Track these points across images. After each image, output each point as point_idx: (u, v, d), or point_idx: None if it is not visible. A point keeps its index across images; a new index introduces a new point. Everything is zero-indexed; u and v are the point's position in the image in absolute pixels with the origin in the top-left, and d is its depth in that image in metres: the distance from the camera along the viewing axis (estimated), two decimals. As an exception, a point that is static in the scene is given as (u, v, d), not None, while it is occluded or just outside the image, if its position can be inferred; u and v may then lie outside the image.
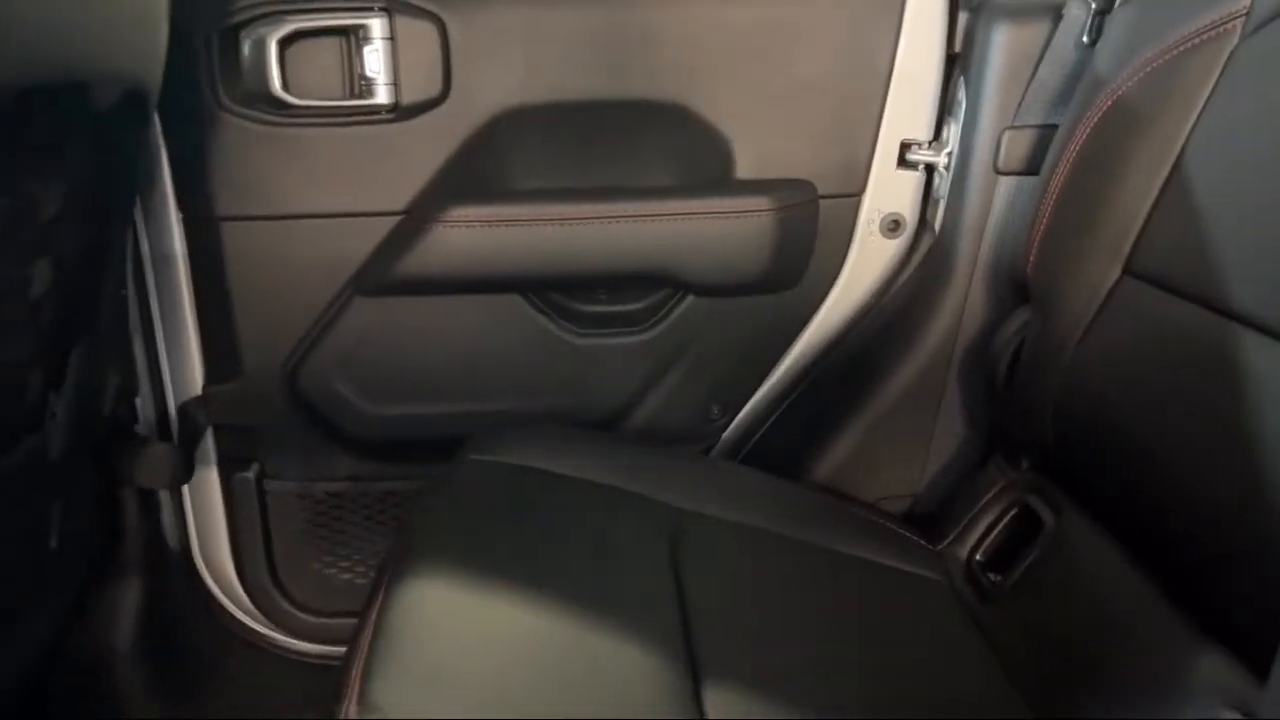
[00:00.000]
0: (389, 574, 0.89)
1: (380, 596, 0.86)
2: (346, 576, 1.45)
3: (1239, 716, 0.74)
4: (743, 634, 0.91)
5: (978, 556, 1.18)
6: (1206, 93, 1.01)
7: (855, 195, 1.34)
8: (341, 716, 0.71)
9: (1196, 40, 1.04)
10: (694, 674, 0.82)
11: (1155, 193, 1.04)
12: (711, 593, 0.96)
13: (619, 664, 0.81)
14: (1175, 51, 1.05)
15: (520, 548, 0.96)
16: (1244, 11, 0.99)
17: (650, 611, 0.90)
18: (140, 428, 1.33)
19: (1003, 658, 1.03)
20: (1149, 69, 1.08)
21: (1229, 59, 1.00)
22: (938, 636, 1.05)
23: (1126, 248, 1.06)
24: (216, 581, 1.46)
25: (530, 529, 1.00)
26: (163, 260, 1.30)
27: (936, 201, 1.36)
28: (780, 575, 1.06)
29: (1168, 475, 0.94)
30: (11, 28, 0.75)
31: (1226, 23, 1.01)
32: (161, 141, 1.24)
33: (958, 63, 1.32)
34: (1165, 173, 1.03)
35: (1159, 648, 0.90)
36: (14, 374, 0.99)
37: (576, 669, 0.78)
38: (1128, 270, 1.06)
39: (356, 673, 0.75)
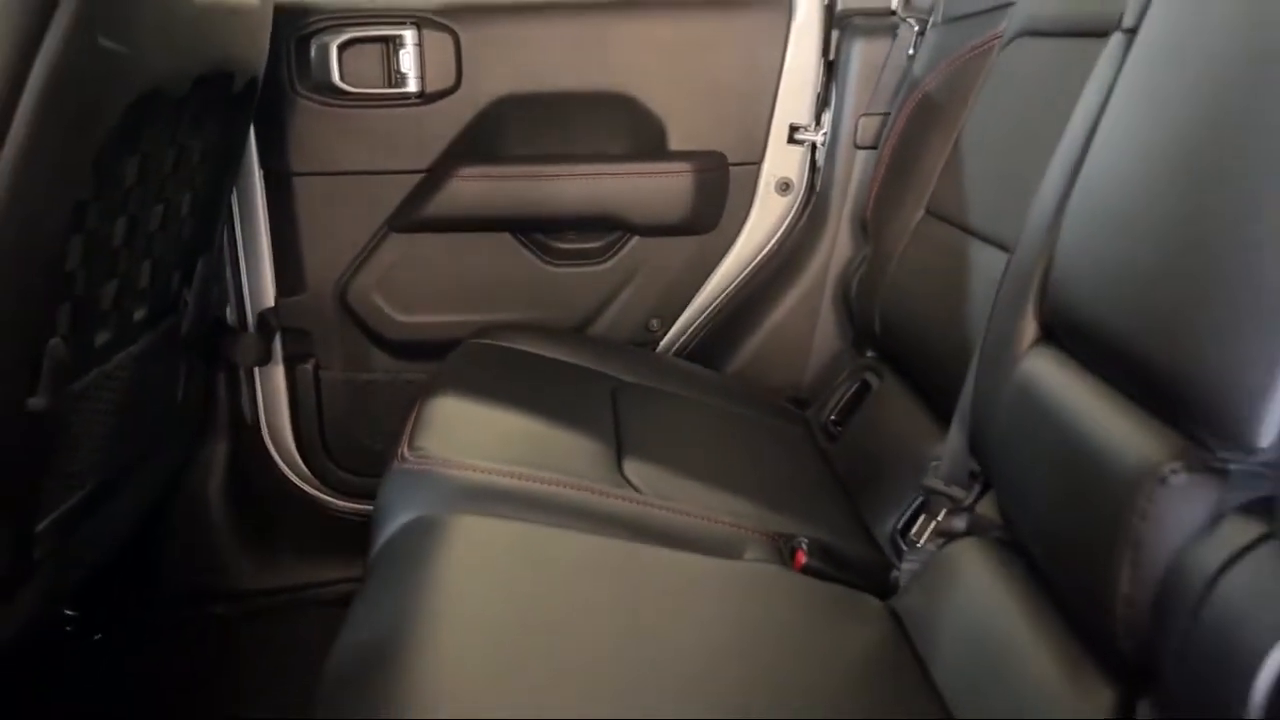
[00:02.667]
0: (424, 396, 1.32)
1: (417, 406, 1.29)
2: (380, 447, 1.87)
3: (953, 489, 1.15)
4: (656, 438, 1.34)
5: (832, 417, 1.61)
6: (977, 89, 1.45)
7: (755, 163, 1.78)
8: (397, 457, 1.14)
9: (972, 54, 1.48)
10: (619, 453, 1.26)
11: (944, 158, 1.48)
12: (636, 418, 1.39)
13: (572, 444, 1.24)
14: (960, 61, 1.49)
15: (507, 387, 1.38)
16: (1000, 35, 1.43)
17: (593, 423, 1.32)
18: (232, 325, 1.75)
19: (839, 472, 1.46)
20: (944, 73, 1.52)
21: (990, 67, 1.43)
22: (797, 459, 1.49)
23: (927, 196, 1.50)
24: (278, 450, 1.87)
25: (514, 379, 1.44)
26: (249, 204, 1.72)
27: (816, 169, 1.79)
28: (688, 419, 1.50)
29: (942, 345, 1.37)
30: (196, 39, 1.18)
31: (989, 42, 1.45)
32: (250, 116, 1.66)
33: (832, 67, 1.76)
34: (950, 146, 1.47)
35: (931, 454, 1.33)
36: (165, 272, 1.41)
37: (545, 442, 1.22)
38: (928, 211, 1.49)
39: (405, 438, 1.18)
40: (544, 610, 0.87)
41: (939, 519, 1.08)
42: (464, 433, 1.20)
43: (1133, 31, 0.92)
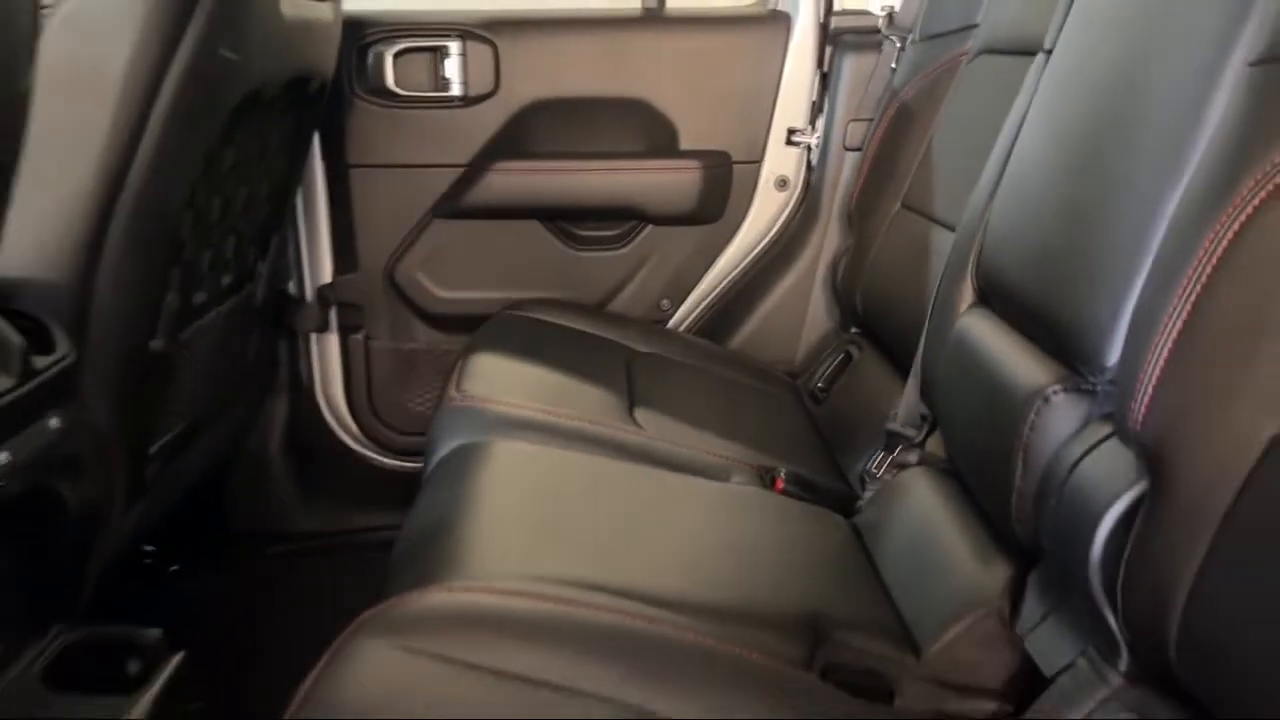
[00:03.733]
0: (465, 353, 1.53)
1: (460, 360, 1.50)
2: (422, 409, 2.09)
3: (907, 430, 1.35)
4: (662, 394, 1.54)
5: (819, 384, 1.81)
6: (946, 98, 1.65)
7: (756, 162, 1.98)
8: (447, 396, 1.35)
9: (943, 68, 1.68)
10: (630, 403, 1.46)
11: (918, 159, 1.68)
12: (646, 379, 1.60)
13: (591, 393, 1.45)
14: (933, 74, 1.70)
15: (535, 349, 1.59)
16: (966, 52, 1.63)
17: (609, 381, 1.53)
18: (295, 297, 1.97)
19: (821, 429, 1.66)
20: (919, 84, 1.72)
21: (957, 79, 1.63)
22: (784, 415, 1.69)
23: (903, 191, 1.70)
24: (331, 410, 2.09)
25: (542, 344, 1.64)
26: (311, 191, 1.94)
27: (810, 168, 2.00)
28: (692, 381, 1.70)
29: (908, 317, 1.56)
30: (288, 50, 1.40)
31: (958, 58, 1.65)
32: (314, 115, 1.88)
33: (825, 78, 1.96)
34: (923, 147, 1.67)
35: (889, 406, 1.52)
36: (245, 246, 1.63)
37: (568, 390, 1.43)
38: (903, 204, 1.70)
39: (453, 382, 1.39)
40: (564, 507, 1.08)
41: (895, 455, 1.29)
42: (500, 379, 1.42)
43: (1050, 52, 1.12)
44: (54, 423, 1.07)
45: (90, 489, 1.22)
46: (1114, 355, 0.84)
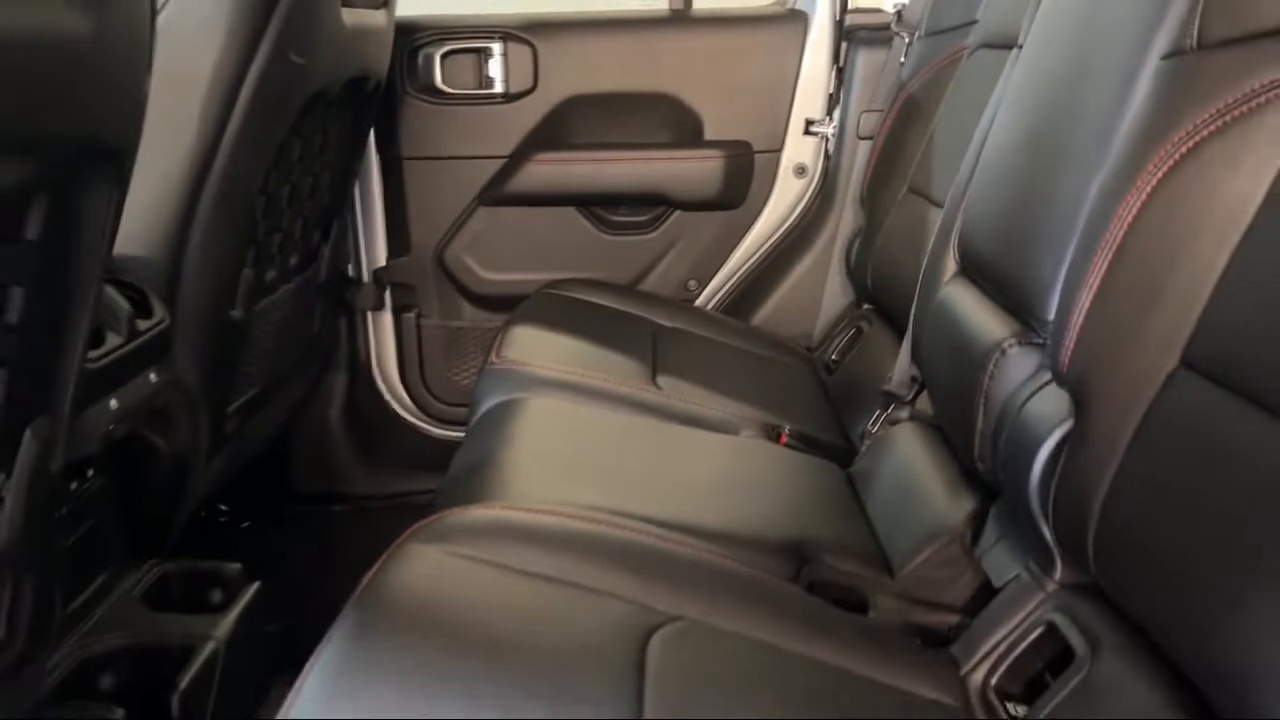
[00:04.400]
0: (506, 325, 1.68)
1: (501, 331, 1.65)
2: (467, 382, 2.25)
3: (899, 390, 1.49)
4: (683, 364, 1.68)
5: (832, 357, 1.94)
6: (948, 90, 1.77)
7: (776, 151, 2.11)
8: (489, 362, 1.51)
9: (946, 61, 1.79)
10: (654, 370, 1.61)
11: (922, 146, 1.80)
12: (670, 350, 1.74)
13: (618, 360, 1.59)
14: (937, 67, 1.81)
15: (570, 322, 1.74)
16: (966, 46, 1.75)
17: (635, 351, 1.67)
18: (353, 278, 2.14)
19: (832, 398, 1.79)
20: (925, 77, 1.84)
21: (958, 72, 1.75)
22: (796, 384, 1.81)
23: (909, 176, 1.82)
24: (384, 382, 2.26)
25: (576, 319, 1.79)
26: (367, 181, 2.10)
27: (827, 156, 2.12)
28: (712, 353, 1.83)
29: (909, 292, 1.69)
30: (349, 53, 1.56)
31: (959, 52, 1.76)
32: (369, 112, 2.05)
33: (841, 72, 2.09)
34: (927, 135, 1.79)
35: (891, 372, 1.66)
36: (310, 230, 1.79)
37: (598, 357, 1.58)
38: (910, 189, 1.81)
39: (495, 349, 1.55)
40: (590, 451, 1.23)
41: (888, 413, 1.42)
42: (537, 347, 1.57)
43: (1021, 47, 1.25)
44: (152, 377, 1.24)
45: (179, 439, 1.39)
46: (1050, 309, 0.97)
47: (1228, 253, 0.79)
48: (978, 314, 1.14)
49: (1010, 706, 0.89)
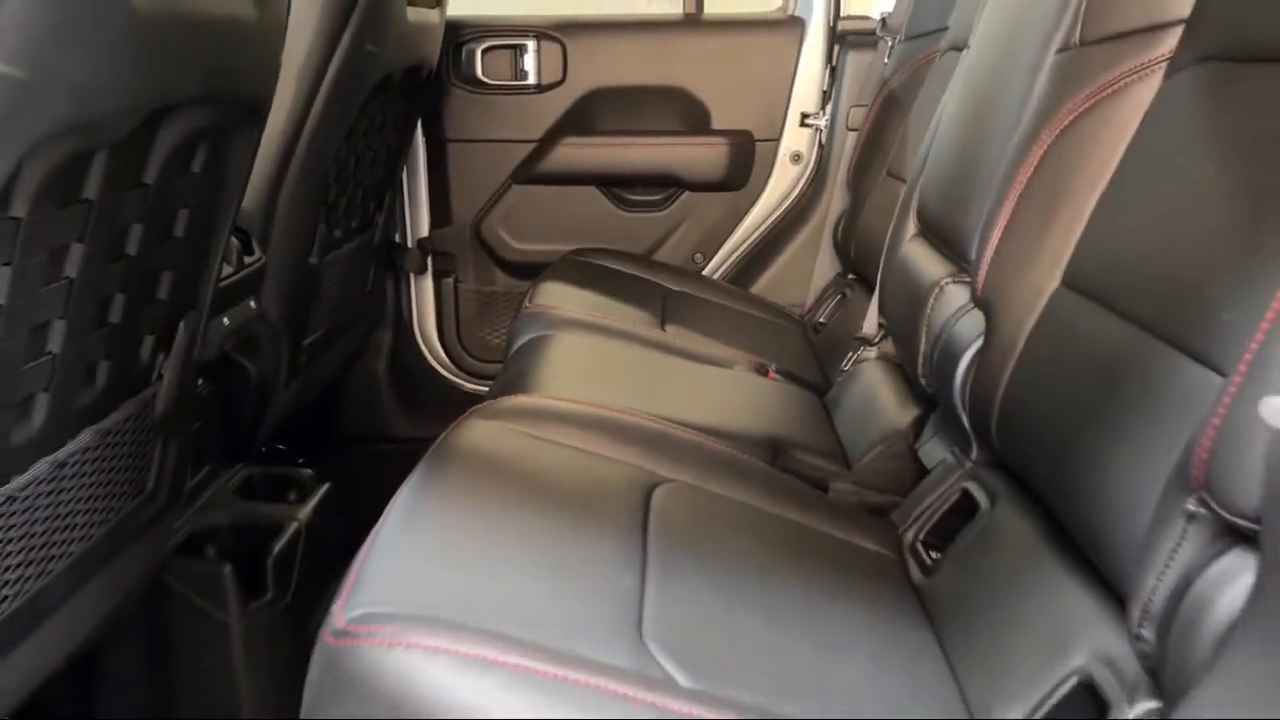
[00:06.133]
0: (536, 282, 1.93)
1: (533, 287, 1.90)
2: (498, 341, 2.49)
3: (868, 334, 1.72)
4: (688, 320, 1.92)
5: (820, 319, 2.17)
6: (923, 86, 2.00)
7: (775, 140, 2.35)
8: (523, 307, 1.75)
9: (923, 61, 2.03)
10: (662, 321, 1.85)
11: (900, 136, 2.03)
12: (676, 310, 1.98)
13: (633, 312, 1.84)
14: (915, 66, 2.05)
15: (591, 282, 1.98)
16: (939, 48, 1.98)
17: (648, 307, 1.92)
18: (400, 244, 2.40)
19: (817, 352, 2.03)
20: (904, 75, 2.08)
21: (932, 70, 1.99)
22: (784, 339, 2.06)
23: (888, 163, 2.06)
24: (424, 340, 2.50)
25: (596, 281, 2.04)
26: (414, 160, 2.35)
27: (820, 145, 2.36)
28: (712, 313, 2.08)
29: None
30: (411, 45, 1.81)
31: (933, 53, 2.00)
32: (417, 99, 2.30)
33: (834, 71, 2.33)
34: (904, 126, 2.03)
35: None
36: (366, 198, 2.04)
37: (615, 308, 1.82)
38: (888, 173, 2.05)
39: (528, 297, 1.79)
40: (607, 370, 1.48)
41: (859, 354, 1.66)
42: (564, 296, 1.82)
43: (967, 47, 1.49)
44: (252, 304, 1.49)
45: (264, 364, 1.64)
46: (974, 248, 1.21)
47: (1096, 197, 1.03)
48: (926, 263, 1.38)
49: (931, 554, 1.13)
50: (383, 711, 0.68)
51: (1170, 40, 1.00)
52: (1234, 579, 0.62)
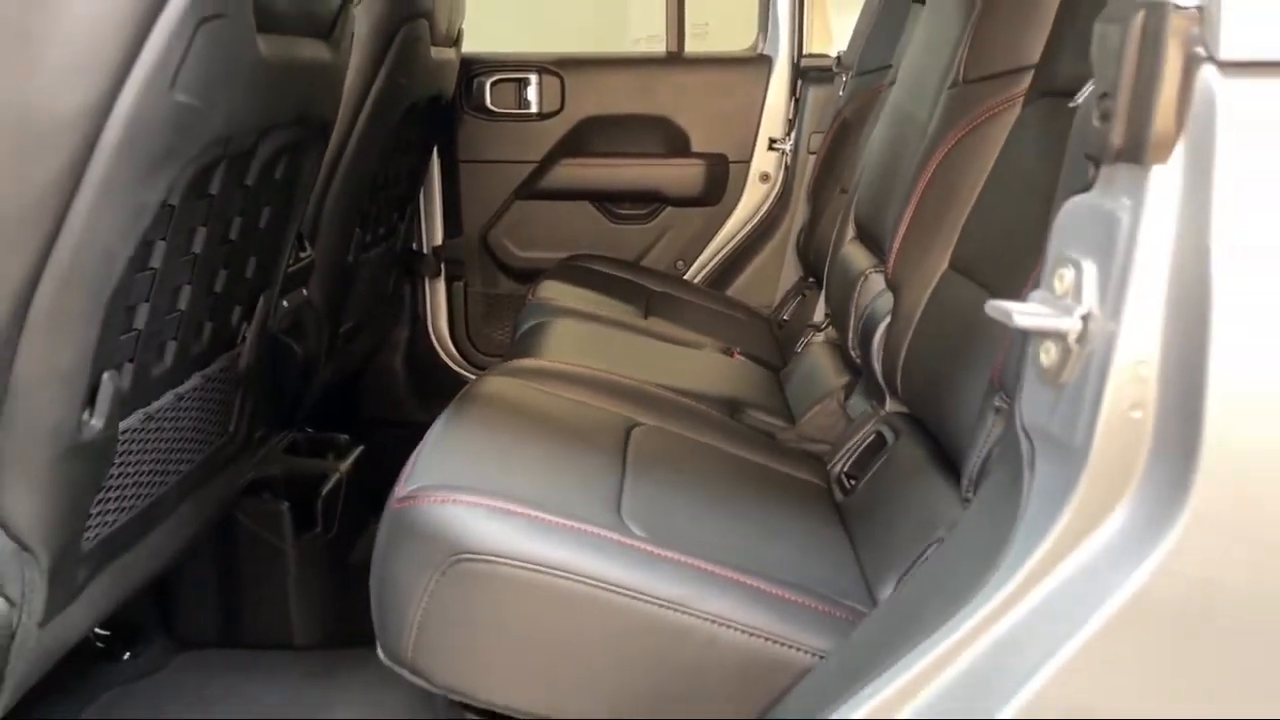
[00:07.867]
0: (538, 280, 2.21)
1: (534, 285, 2.18)
2: (502, 338, 2.77)
3: (816, 321, 2.00)
4: (668, 315, 2.21)
5: (784, 317, 2.46)
6: (872, 115, 2.30)
7: (746, 162, 2.65)
8: (527, 300, 2.03)
9: (871, 94, 2.33)
10: (645, 314, 2.13)
11: (853, 158, 2.33)
12: (659, 309, 2.26)
13: (618, 305, 2.12)
14: (864, 98, 2.35)
15: (584, 282, 2.27)
16: (885, 83, 2.28)
17: (632, 302, 2.20)
18: (418, 251, 2.68)
19: (780, 344, 2.31)
20: (855, 105, 2.38)
21: (880, 102, 2.28)
22: (750, 333, 2.34)
23: (841, 181, 2.35)
24: (437, 337, 2.78)
25: (589, 283, 2.32)
26: (430, 178, 2.64)
27: (786, 167, 2.66)
28: (690, 312, 2.36)
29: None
30: (434, 77, 2.10)
31: (879, 87, 2.30)
32: (435, 125, 2.59)
33: (798, 102, 2.63)
34: (860, 151, 2.32)
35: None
36: (391, 210, 2.32)
37: (603, 302, 2.10)
38: (840, 190, 2.34)
39: (531, 293, 2.08)
40: (599, 346, 1.76)
41: (808, 338, 1.94)
42: (561, 291, 2.10)
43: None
44: (304, 292, 1.77)
45: (309, 345, 1.92)
46: (887, 245, 1.50)
47: (974, 200, 1.32)
48: (857, 258, 1.67)
49: (850, 481, 1.41)
50: (436, 548, 0.96)
51: (1025, 80, 1.29)
52: (1019, 448, 0.91)
